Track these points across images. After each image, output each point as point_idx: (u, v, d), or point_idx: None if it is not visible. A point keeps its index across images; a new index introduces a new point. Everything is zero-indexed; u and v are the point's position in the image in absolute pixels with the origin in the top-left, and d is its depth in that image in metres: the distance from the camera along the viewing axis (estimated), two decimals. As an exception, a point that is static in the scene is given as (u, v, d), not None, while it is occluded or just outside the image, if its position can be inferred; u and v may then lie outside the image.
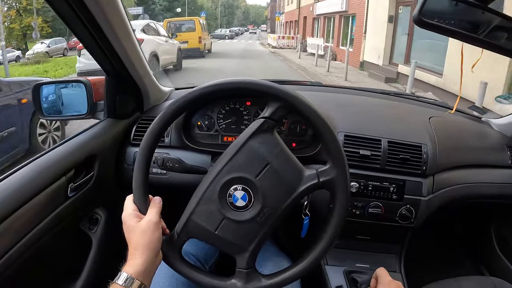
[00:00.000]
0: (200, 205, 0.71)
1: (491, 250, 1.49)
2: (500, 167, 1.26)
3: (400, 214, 1.07)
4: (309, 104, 0.72)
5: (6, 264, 0.74)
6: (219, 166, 0.72)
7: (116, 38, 0.93)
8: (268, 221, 0.71)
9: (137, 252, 0.68)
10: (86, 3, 0.80)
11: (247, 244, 0.71)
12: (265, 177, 0.70)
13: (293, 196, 0.71)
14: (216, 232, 0.71)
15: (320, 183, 0.72)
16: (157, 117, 0.73)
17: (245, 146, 0.71)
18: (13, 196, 0.78)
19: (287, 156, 0.73)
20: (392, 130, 1.13)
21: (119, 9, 0.88)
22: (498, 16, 0.76)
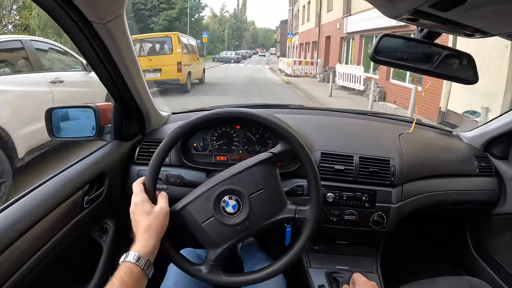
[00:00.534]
0: (198, 199, 0.86)
1: (467, 252, 1.59)
2: (469, 176, 1.40)
3: (373, 220, 1.21)
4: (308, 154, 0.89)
5: (31, 267, 0.86)
6: (225, 175, 0.87)
7: (127, 71, 1.08)
8: (245, 231, 0.86)
9: (148, 234, 0.79)
10: (106, 44, 0.95)
11: (222, 242, 0.87)
12: (256, 197, 0.86)
13: (271, 220, 0.87)
14: (202, 224, 0.86)
15: (295, 218, 0.88)
16: (178, 127, 0.90)
17: (251, 169, 0.87)
18: (40, 206, 0.91)
19: (278, 188, 0.90)
20: (363, 146, 1.27)
21: (132, 50, 1.04)
22: (444, 49, 0.90)
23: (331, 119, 1.55)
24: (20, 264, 0.83)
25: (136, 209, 0.83)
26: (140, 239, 0.79)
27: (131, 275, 0.73)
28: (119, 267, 0.74)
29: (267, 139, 1.25)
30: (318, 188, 0.88)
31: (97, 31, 0.90)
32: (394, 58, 0.87)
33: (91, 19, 0.85)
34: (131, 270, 0.74)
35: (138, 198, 0.84)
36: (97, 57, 0.99)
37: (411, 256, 1.81)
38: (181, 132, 0.89)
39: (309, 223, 0.88)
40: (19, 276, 0.82)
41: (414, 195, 1.27)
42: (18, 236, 0.83)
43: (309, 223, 0.88)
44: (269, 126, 0.89)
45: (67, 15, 0.83)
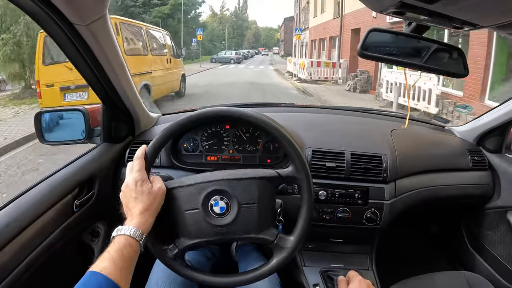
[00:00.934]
0: (191, 187, 0.85)
1: (463, 247, 1.59)
2: (462, 170, 1.39)
3: (366, 217, 1.20)
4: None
5: (21, 272, 0.85)
6: (225, 176, 0.86)
7: (113, 72, 1.06)
8: (222, 235, 0.85)
9: (148, 213, 0.78)
10: (90, 46, 0.93)
11: (196, 237, 0.86)
12: (246, 209, 0.85)
13: (250, 235, 0.86)
14: (185, 212, 0.85)
15: (273, 245, 0.87)
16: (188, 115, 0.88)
17: (253, 180, 0.86)
18: (29, 210, 0.91)
19: (270, 208, 0.89)
20: (355, 143, 1.26)
21: (117, 51, 1.02)
22: (434, 43, 0.90)
23: (322, 116, 1.54)
24: (9, 270, 0.82)
25: (135, 187, 0.80)
26: (138, 217, 0.77)
27: (131, 249, 0.72)
28: (115, 240, 0.73)
29: (257, 137, 1.24)
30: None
31: (80, 33, 0.88)
32: (383, 53, 0.86)
33: (73, 21, 0.84)
34: (130, 244, 0.73)
35: (138, 176, 0.81)
36: (82, 59, 0.97)
37: (406, 252, 1.81)
38: (191, 121, 0.88)
39: (303, 184, 0.87)
40: (8, 282, 0.81)
41: (407, 191, 1.26)
42: (5, 242, 0.82)
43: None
44: (279, 140, 0.88)
45: (49, 17, 0.81)
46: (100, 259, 0.69)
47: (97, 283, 0.64)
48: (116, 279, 0.66)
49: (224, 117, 0.89)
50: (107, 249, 0.71)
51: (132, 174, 0.82)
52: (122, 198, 0.82)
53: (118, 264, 0.68)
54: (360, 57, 0.84)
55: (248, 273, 0.89)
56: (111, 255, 0.69)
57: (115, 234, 0.74)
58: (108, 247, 0.72)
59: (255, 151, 1.24)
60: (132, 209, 0.79)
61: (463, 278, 1.16)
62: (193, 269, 0.89)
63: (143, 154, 0.85)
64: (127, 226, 0.75)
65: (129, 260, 0.72)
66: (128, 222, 0.77)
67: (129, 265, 0.72)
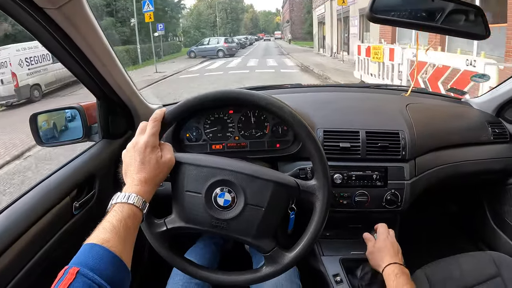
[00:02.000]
0: (200, 168, 0.78)
1: (487, 225, 1.53)
2: (483, 144, 1.31)
3: (386, 199, 1.13)
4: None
5: (21, 279, 0.80)
6: (241, 168, 0.79)
7: (102, 64, 0.99)
8: (217, 229, 0.79)
9: (152, 183, 0.71)
10: (71, 37, 0.86)
11: (189, 221, 0.79)
12: (251, 210, 0.78)
13: (246, 238, 0.80)
14: (185, 192, 0.78)
15: (267, 255, 0.80)
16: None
17: (269, 183, 0.78)
18: (23, 217, 0.85)
19: (275, 219, 0.81)
20: (369, 120, 1.19)
21: (100, 36, 0.94)
22: (449, 2, 0.82)
23: (332, 94, 1.47)
24: (6, 281, 0.77)
25: (144, 151, 0.72)
26: (141, 185, 0.70)
27: (135, 219, 0.66)
28: (116, 208, 0.66)
29: (264, 121, 1.16)
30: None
31: (52, 18, 0.79)
32: (394, 16, 0.79)
33: (41, 5, 0.75)
34: (135, 214, 0.66)
35: (151, 140, 0.73)
36: (62, 49, 0.89)
37: (427, 234, 1.74)
38: (216, 97, 0.80)
39: (318, 207, 0.80)
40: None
41: (428, 169, 1.19)
42: (3, 249, 0.77)
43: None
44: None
45: (17, 5, 0.73)
46: (100, 229, 0.61)
47: (98, 256, 0.57)
48: (119, 253, 0.59)
49: (248, 102, 0.81)
50: (107, 219, 0.63)
51: (144, 137, 0.74)
52: (125, 158, 0.75)
53: (121, 236, 0.61)
54: (370, 21, 0.77)
55: (233, 274, 0.83)
56: (114, 225, 0.62)
57: (115, 201, 0.67)
58: (108, 216, 0.64)
59: (262, 136, 1.17)
60: (135, 174, 0.71)
61: (490, 258, 1.11)
62: (175, 253, 0.83)
63: (161, 117, 0.77)
64: (130, 194, 0.67)
65: (133, 231, 0.65)
66: (129, 188, 0.69)
67: (132, 237, 0.65)
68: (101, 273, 0.55)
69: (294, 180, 0.80)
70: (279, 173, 0.82)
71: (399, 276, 0.87)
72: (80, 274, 0.53)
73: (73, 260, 0.57)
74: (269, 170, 0.82)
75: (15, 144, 5.66)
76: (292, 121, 0.79)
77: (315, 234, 0.79)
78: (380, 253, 0.96)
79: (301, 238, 0.81)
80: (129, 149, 0.75)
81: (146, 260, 1.46)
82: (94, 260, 0.56)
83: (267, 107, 0.79)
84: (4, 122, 8.50)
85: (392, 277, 0.87)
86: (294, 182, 0.79)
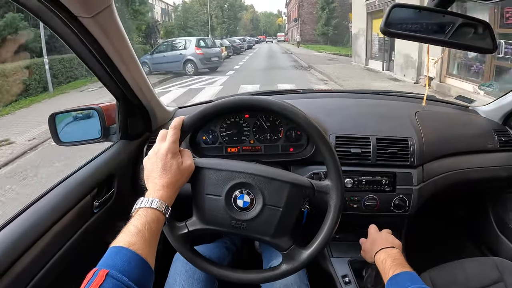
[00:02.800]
0: (219, 172, 0.82)
1: (491, 231, 1.54)
2: (490, 152, 1.34)
3: (394, 204, 1.16)
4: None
5: (43, 277, 0.84)
6: (259, 171, 0.82)
7: (126, 69, 1.03)
8: (236, 230, 0.83)
9: (173, 188, 0.74)
10: (97, 39, 0.89)
11: (210, 223, 0.83)
12: (269, 210, 0.81)
13: (264, 238, 0.83)
14: (205, 195, 0.82)
15: (285, 253, 0.84)
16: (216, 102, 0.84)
17: (286, 184, 0.81)
18: (47, 215, 0.89)
19: (292, 218, 0.84)
20: (379, 127, 1.22)
21: (127, 43, 0.98)
22: (459, 17, 0.85)
23: (343, 101, 1.50)
24: (30, 276, 0.81)
25: (165, 158, 0.76)
26: (163, 190, 0.73)
27: (158, 223, 0.69)
28: (140, 212, 0.68)
29: (279, 126, 1.20)
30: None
31: (85, 25, 0.83)
32: (406, 30, 0.82)
33: (77, 13, 0.79)
34: (158, 218, 0.69)
35: (171, 147, 0.77)
36: (90, 54, 0.93)
37: (432, 238, 1.77)
38: (233, 104, 0.84)
39: (332, 205, 0.83)
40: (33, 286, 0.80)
41: (435, 175, 1.22)
42: (24, 249, 0.80)
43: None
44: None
45: (52, 12, 0.77)
46: (126, 233, 0.64)
47: (126, 259, 0.59)
48: (144, 255, 0.61)
49: (263, 108, 0.85)
50: (132, 223, 0.66)
51: (165, 144, 0.77)
52: (147, 165, 0.78)
53: (146, 239, 0.64)
54: (383, 34, 0.81)
55: (252, 272, 0.86)
56: (139, 229, 0.64)
57: (139, 206, 0.70)
58: (133, 220, 0.67)
59: (276, 140, 1.21)
60: (157, 179, 0.74)
61: (493, 263, 1.14)
62: (196, 254, 0.87)
63: (180, 124, 0.80)
64: (153, 199, 0.70)
65: (156, 235, 0.68)
66: (151, 193, 0.72)
67: (156, 240, 0.68)
68: (129, 275, 0.57)
69: (308, 180, 0.84)
70: (295, 174, 0.85)
71: (385, 261, 0.88)
72: (109, 276, 0.56)
73: (101, 262, 0.59)
74: (285, 172, 0.85)
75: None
76: (304, 124, 0.83)
77: (330, 231, 0.83)
78: (371, 247, 0.98)
79: (316, 235, 0.84)
80: (151, 156, 0.78)
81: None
82: (122, 263, 0.58)
83: (282, 113, 0.83)
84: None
85: (381, 265, 0.89)
86: (309, 183, 0.83)
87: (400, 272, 0.82)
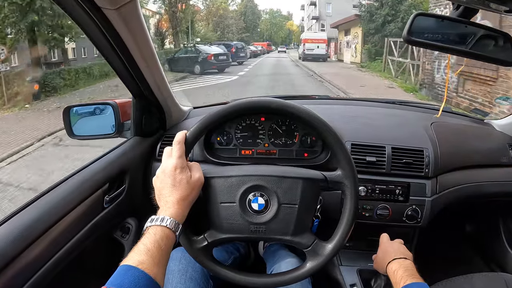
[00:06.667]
0: (230, 179, 0.82)
1: (501, 246, 1.53)
2: (504, 166, 1.33)
3: (407, 215, 1.16)
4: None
5: (51, 267, 0.84)
6: (268, 172, 0.83)
7: (146, 66, 1.04)
8: (256, 234, 0.82)
9: (184, 203, 0.74)
10: (119, 32, 0.90)
11: (229, 231, 0.82)
12: (286, 209, 0.81)
13: (285, 237, 0.82)
14: (220, 204, 0.81)
15: (309, 250, 0.83)
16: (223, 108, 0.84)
17: (298, 180, 0.81)
18: (57, 207, 0.89)
19: (310, 212, 0.84)
20: (395, 136, 1.22)
21: (149, 40, 0.99)
22: (481, 28, 0.85)
23: (360, 109, 1.49)
24: (38, 266, 0.81)
25: (173, 174, 0.76)
26: (174, 207, 0.73)
27: (168, 241, 0.69)
28: (150, 230, 0.69)
29: (294, 130, 1.19)
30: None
31: (109, 18, 0.83)
32: (428, 39, 0.82)
33: (101, 4, 0.79)
34: (167, 236, 0.69)
35: (178, 162, 0.77)
36: (111, 48, 0.94)
37: (442, 251, 1.74)
38: (236, 110, 0.84)
39: (348, 194, 0.83)
40: (39, 276, 0.81)
41: (448, 187, 1.21)
42: (34, 238, 0.81)
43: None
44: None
45: (75, 1, 0.77)
46: (135, 251, 0.64)
47: (134, 278, 0.60)
48: (153, 275, 0.62)
49: (264, 110, 0.85)
50: (142, 241, 0.67)
51: (172, 160, 0.77)
52: (156, 184, 0.78)
53: (155, 258, 0.64)
54: (406, 43, 0.81)
55: (277, 275, 0.86)
56: (148, 247, 0.65)
57: (149, 224, 0.70)
58: (143, 239, 0.67)
59: (291, 145, 1.20)
60: (168, 197, 0.75)
61: (502, 280, 1.10)
62: (219, 264, 0.86)
63: (184, 139, 0.81)
64: (163, 216, 0.70)
65: (166, 253, 0.68)
66: (162, 211, 0.73)
67: (165, 258, 0.68)
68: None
69: (320, 172, 0.84)
70: (305, 169, 0.85)
71: (397, 272, 0.87)
72: None
73: (110, 280, 0.60)
74: (295, 169, 0.85)
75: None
76: (314, 122, 0.83)
77: (351, 221, 0.82)
78: (383, 256, 0.97)
79: (337, 227, 0.83)
80: (159, 175, 0.78)
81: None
82: (130, 282, 0.59)
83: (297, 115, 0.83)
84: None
85: (392, 276, 0.88)
86: (321, 175, 0.83)
87: (412, 283, 0.81)
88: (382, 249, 1.00)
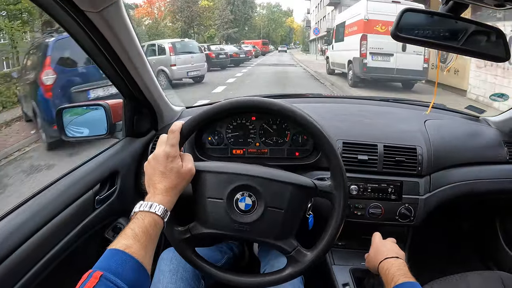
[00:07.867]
0: (220, 175, 0.82)
1: (498, 245, 1.52)
2: (499, 163, 1.32)
3: (400, 213, 1.15)
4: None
5: (42, 268, 0.84)
6: (259, 173, 0.82)
7: (134, 67, 1.03)
8: (239, 233, 0.81)
9: (173, 192, 0.74)
10: (104, 35, 0.90)
11: (212, 227, 0.82)
12: (271, 212, 0.80)
13: (268, 240, 0.82)
14: (207, 198, 0.81)
15: (289, 256, 0.82)
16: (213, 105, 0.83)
17: (287, 185, 0.81)
18: (47, 208, 0.89)
19: (295, 219, 0.84)
20: (387, 134, 1.21)
21: (135, 40, 0.99)
22: (472, 24, 0.84)
23: (352, 107, 1.48)
24: (30, 265, 0.81)
25: (165, 162, 0.75)
26: (163, 194, 0.73)
27: (156, 228, 0.68)
28: (138, 216, 0.68)
29: (285, 130, 1.18)
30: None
31: (92, 20, 0.83)
32: (418, 36, 0.81)
33: (83, 7, 0.79)
34: (156, 222, 0.69)
35: (171, 151, 0.76)
36: (97, 50, 0.93)
37: (438, 250, 1.74)
38: (234, 106, 0.84)
39: (336, 205, 0.82)
40: (31, 276, 0.81)
41: (442, 186, 1.20)
42: (23, 239, 0.80)
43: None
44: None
45: (59, 6, 0.77)
46: (123, 236, 0.64)
47: (122, 262, 0.59)
48: (140, 258, 0.62)
49: (264, 110, 0.84)
50: (130, 226, 0.66)
51: (165, 148, 0.77)
52: (147, 169, 0.78)
53: (143, 242, 0.64)
54: (394, 39, 0.80)
55: (257, 276, 0.85)
56: (136, 232, 0.64)
57: (137, 209, 0.70)
58: (130, 223, 0.67)
59: (282, 144, 1.19)
60: (157, 184, 0.74)
61: (498, 278, 1.10)
62: (199, 257, 0.86)
63: (179, 128, 0.80)
64: (152, 203, 0.70)
65: (154, 239, 0.68)
66: (151, 197, 0.72)
67: (153, 244, 0.68)
68: (124, 278, 0.58)
69: (311, 180, 0.83)
70: (296, 175, 0.84)
71: (389, 271, 0.86)
72: (103, 278, 0.56)
73: (96, 264, 0.59)
74: (287, 173, 0.84)
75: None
76: (305, 123, 0.82)
77: (335, 232, 0.82)
78: (375, 255, 0.97)
79: (321, 236, 0.83)
80: (150, 161, 0.78)
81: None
82: (117, 265, 0.59)
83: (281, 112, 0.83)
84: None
85: (384, 275, 0.88)
86: (311, 183, 0.82)
87: (404, 282, 0.80)
88: (374, 248, 1.00)
